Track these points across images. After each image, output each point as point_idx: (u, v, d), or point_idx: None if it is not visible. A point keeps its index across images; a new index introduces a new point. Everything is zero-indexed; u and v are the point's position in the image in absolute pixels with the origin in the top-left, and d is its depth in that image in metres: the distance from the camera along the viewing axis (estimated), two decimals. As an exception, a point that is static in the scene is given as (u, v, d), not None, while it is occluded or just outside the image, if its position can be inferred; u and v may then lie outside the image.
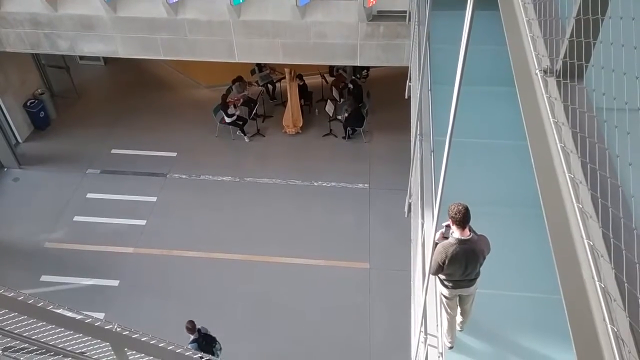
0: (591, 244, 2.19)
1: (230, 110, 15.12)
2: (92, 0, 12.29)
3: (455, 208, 4.66)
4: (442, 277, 5.10)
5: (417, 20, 9.37)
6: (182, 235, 13.03)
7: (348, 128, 15.36)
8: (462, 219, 4.66)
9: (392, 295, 11.32)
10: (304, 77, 16.15)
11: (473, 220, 4.77)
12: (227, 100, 15.13)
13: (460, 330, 5.62)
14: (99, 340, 4.91)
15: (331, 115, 15.41)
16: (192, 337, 9.14)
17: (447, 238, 4.88)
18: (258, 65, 16.34)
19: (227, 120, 15.31)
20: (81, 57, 17.91)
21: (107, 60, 18.33)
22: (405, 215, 9.04)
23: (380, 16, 12.15)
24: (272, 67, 16.48)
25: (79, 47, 13.40)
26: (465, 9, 3.09)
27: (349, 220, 13.33)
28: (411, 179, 8.43)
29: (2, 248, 12.81)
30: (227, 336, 10.82)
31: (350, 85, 15.86)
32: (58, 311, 4.55)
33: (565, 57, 2.84)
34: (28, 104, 15.74)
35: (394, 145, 14.85)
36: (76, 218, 13.50)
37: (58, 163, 15.09)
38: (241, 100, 15.50)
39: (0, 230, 13.25)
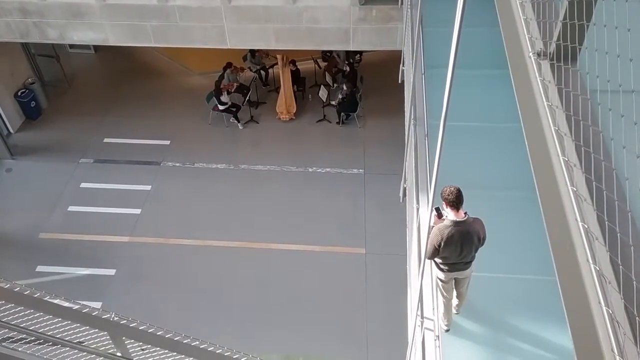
0: (586, 226, 2.20)
1: (224, 98, 15.02)
2: (80, -13, 12.14)
3: (448, 190, 4.72)
4: (438, 260, 5.12)
5: (409, 3, 9.30)
6: (177, 223, 13.02)
7: (342, 113, 15.31)
8: (456, 200, 4.71)
9: (388, 279, 11.39)
10: (296, 63, 16.05)
11: (468, 203, 4.79)
12: (221, 87, 15.03)
13: (456, 314, 5.66)
14: (96, 330, 4.93)
15: (325, 100, 15.35)
16: None
17: (440, 217, 4.90)
18: (251, 51, 16.22)
19: (221, 107, 15.22)
20: (71, 46, 17.74)
21: (97, 48, 18.12)
22: (400, 200, 9.03)
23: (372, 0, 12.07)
24: (266, 52, 16.36)
25: (68, 35, 13.23)
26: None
27: (344, 205, 13.34)
28: (406, 164, 8.41)
29: (-4, 239, 12.78)
30: (223, 322, 10.89)
31: (347, 68, 15.76)
32: (55, 301, 4.56)
33: (558, 39, 2.82)
34: (19, 93, 15.60)
35: (388, 129, 14.82)
36: (71, 208, 13.47)
37: (51, 153, 15.00)
38: (234, 86, 15.41)
39: (-6, 222, 13.20)
